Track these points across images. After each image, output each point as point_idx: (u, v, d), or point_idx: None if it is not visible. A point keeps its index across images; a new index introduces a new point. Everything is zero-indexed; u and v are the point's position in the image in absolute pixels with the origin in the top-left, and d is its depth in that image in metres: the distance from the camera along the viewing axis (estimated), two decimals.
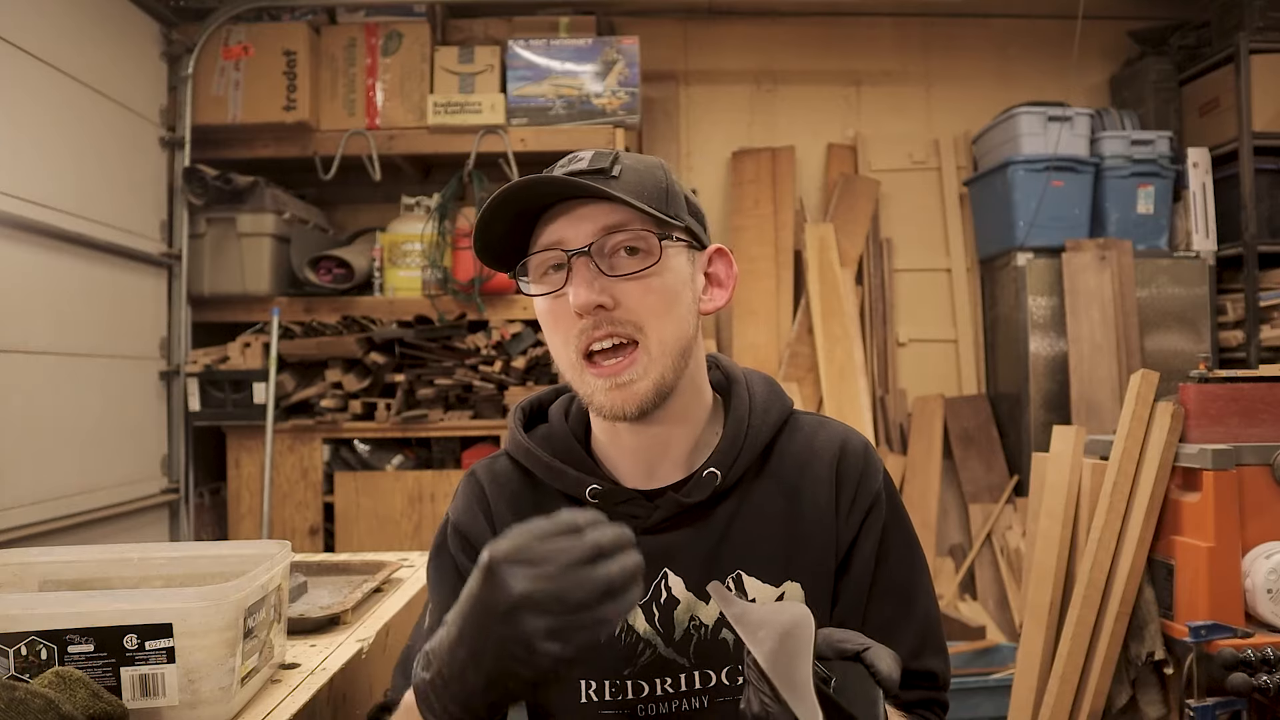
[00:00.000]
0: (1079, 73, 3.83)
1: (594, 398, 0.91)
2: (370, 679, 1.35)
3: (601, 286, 0.88)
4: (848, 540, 0.96)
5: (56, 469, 2.52)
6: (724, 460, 0.95)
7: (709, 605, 0.93)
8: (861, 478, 0.98)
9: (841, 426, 1.03)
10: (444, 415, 3.19)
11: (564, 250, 0.89)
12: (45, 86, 2.52)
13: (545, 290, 0.91)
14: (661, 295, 0.90)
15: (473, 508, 0.99)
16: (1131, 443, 2.02)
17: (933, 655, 0.97)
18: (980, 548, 3.59)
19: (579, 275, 0.88)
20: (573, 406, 1.03)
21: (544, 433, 1.02)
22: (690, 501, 0.94)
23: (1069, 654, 2.04)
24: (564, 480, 0.96)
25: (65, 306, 2.58)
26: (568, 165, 0.92)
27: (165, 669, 0.97)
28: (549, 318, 0.92)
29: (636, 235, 0.90)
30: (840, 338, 3.66)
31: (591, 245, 0.89)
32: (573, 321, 0.89)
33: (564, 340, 0.91)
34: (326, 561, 1.77)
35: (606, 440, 0.98)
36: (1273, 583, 1.77)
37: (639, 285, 0.89)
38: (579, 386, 0.92)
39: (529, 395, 1.08)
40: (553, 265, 0.91)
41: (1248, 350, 3.42)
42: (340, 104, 3.33)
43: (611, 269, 0.89)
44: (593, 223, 0.89)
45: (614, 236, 0.89)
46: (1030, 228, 3.53)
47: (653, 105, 3.96)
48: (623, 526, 0.70)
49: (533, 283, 0.93)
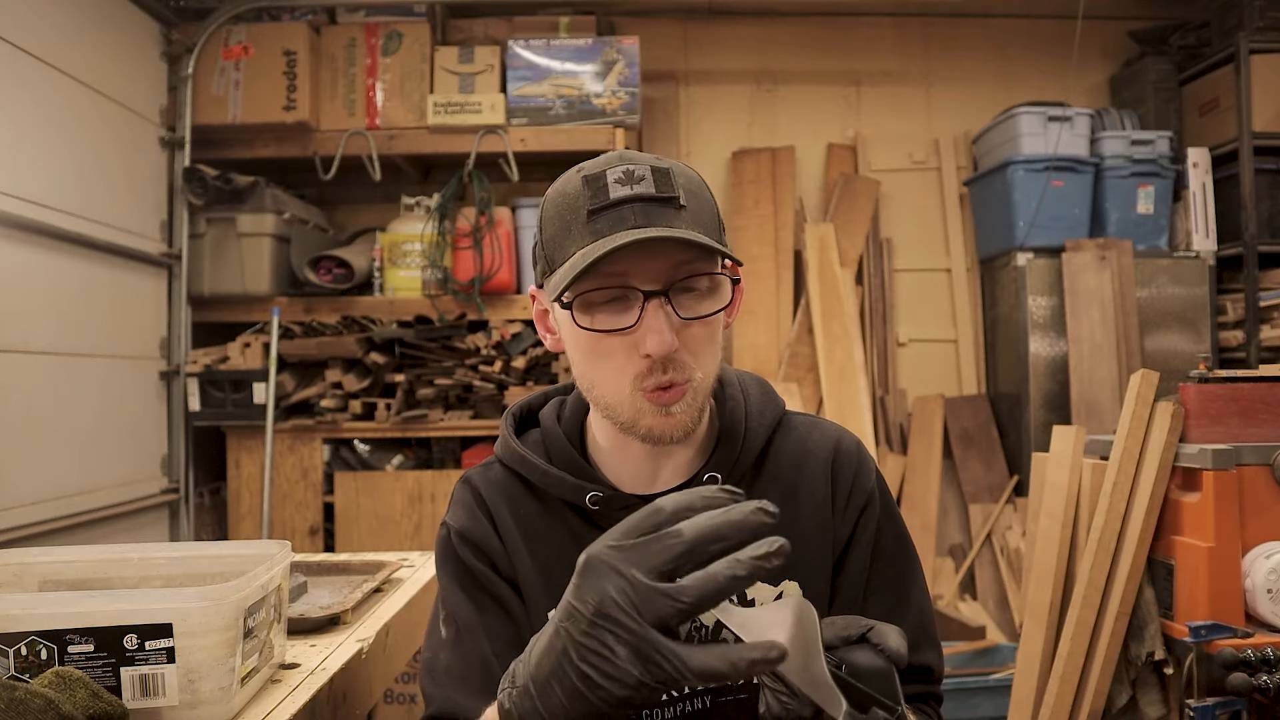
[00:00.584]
0: (1079, 73, 3.83)
1: (641, 420, 0.87)
2: (370, 679, 1.35)
3: (674, 330, 0.84)
4: (844, 538, 0.97)
5: (56, 469, 2.52)
6: (723, 464, 0.95)
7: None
8: (856, 476, 0.98)
9: (834, 426, 1.03)
10: (444, 415, 3.19)
11: (639, 289, 0.84)
12: (45, 86, 2.52)
13: (608, 328, 0.85)
14: (714, 332, 0.89)
15: (475, 514, 0.97)
16: (1131, 443, 2.02)
17: (928, 649, 0.97)
18: (980, 548, 3.59)
19: (655, 319, 0.83)
20: (564, 410, 1.01)
21: (537, 438, 1.00)
22: None
23: (1069, 654, 2.04)
24: (562, 487, 0.95)
25: (65, 306, 2.58)
26: (630, 186, 0.84)
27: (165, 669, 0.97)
28: (598, 348, 0.87)
29: (706, 277, 0.86)
30: (840, 338, 3.66)
31: (669, 287, 0.84)
32: (630, 358, 0.85)
33: (615, 373, 0.87)
34: (326, 561, 1.77)
35: (610, 447, 0.96)
36: (1273, 583, 1.77)
37: (704, 324, 0.87)
38: (622, 412, 0.88)
39: (518, 401, 1.06)
40: (610, 299, 0.85)
41: (1248, 350, 3.42)
42: (340, 104, 3.33)
43: (684, 310, 0.85)
44: (666, 259, 0.84)
45: (685, 278, 0.85)
46: (1030, 228, 3.53)
47: (653, 105, 3.96)
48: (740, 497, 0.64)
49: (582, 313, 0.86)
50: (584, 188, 0.86)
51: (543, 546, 0.95)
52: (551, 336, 0.96)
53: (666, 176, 0.86)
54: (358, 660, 1.28)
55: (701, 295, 0.87)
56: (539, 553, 0.95)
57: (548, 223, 0.90)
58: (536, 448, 0.99)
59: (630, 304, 0.85)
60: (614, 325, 0.85)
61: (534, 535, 0.95)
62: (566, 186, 0.89)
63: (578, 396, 1.01)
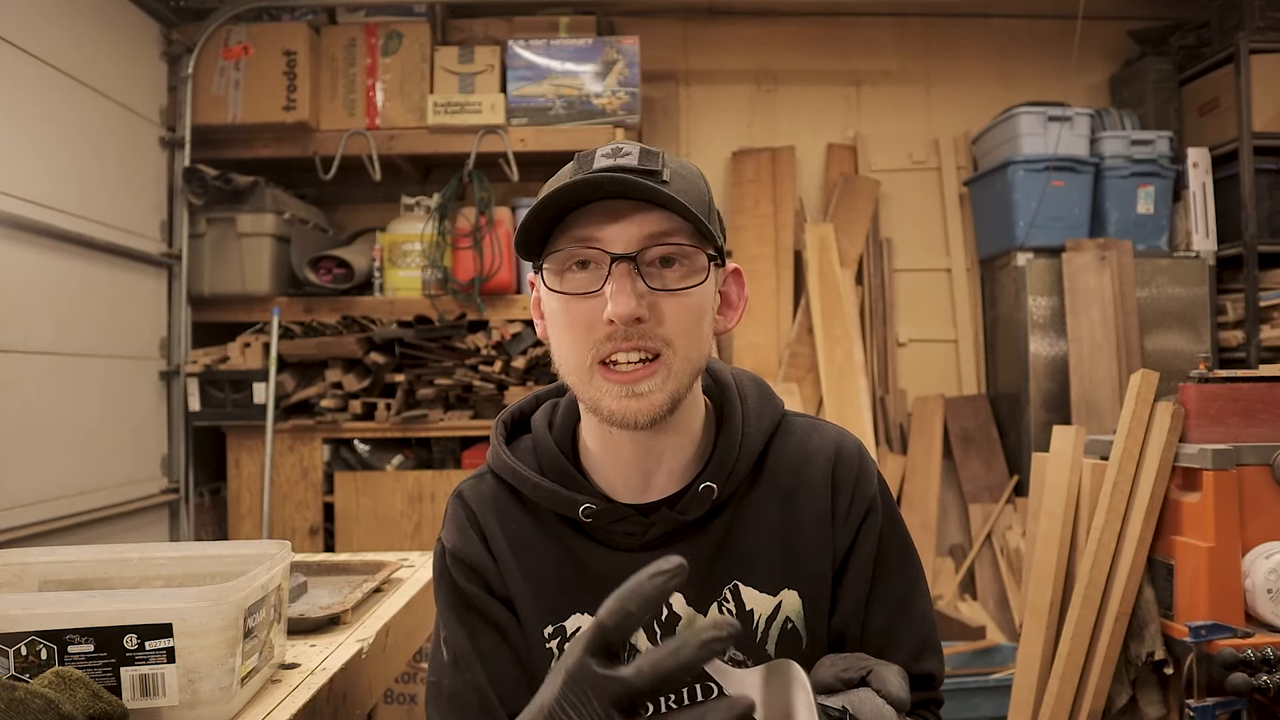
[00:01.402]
0: (1079, 73, 3.83)
1: (601, 403, 0.85)
2: (370, 679, 1.35)
3: (641, 297, 0.83)
4: (845, 546, 0.95)
5: (56, 469, 2.52)
6: (719, 473, 0.93)
7: (706, 617, 0.92)
8: (857, 482, 0.96)
9: (835, 429, 1.01)
10: (444, 415, 3.19)
11: (606, 252, 0.83)
12: (45, 86, 2.52)
13: (574, 290, 0.85)
14: (693, 313, 0.87)
15: (466, 532, 0.96)
16: (1131, 443, 2.02)
17: (930, 657, 0.96)
18: (980, 548, 3.59)
19: (621, 282, 0.82)
20: (556, 416, 0.99)
21: (528, 446, 0.98)
22: (687, 518, 0.92)
23: (1069, 654, 2.04)
24: (555, 500, 0.92)
25: (65, 306, 2.58)
26: (614, 159, 0.85)
27: (165, 669, 0.97)
28: (563, 317, 0.86)
29: (682, 249, 0.85)
30: (840, 338, 3.66)
31: (639, 252, 0.84)
32: (594, 326, 0.84)
33: (578, 342, 0.86)
34: (326, 561, 1.77)
35: (600, 451, 0.94)
36: (1273, 583, 1.77)
37: (678, 301, 0.85)
38: (584, 390, 0.87)
39: (508, 407, 1.04)
40: (577, 262, 0.86)
41: (1248, 350, 3.42)
42: (340, 104, 3.33)
43: (654, 280, 0.84)
44: (640, 228, 0.84)
45: (659, 246, 0.84)
46: (1030, 228, 3.53)
47: (653, 105, 3.96)
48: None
49: (552, 276, 0.87)
50: (574, 163, 0.88)
51: (535, 561, 0.94)
52: (541, 323, 0.95)
53: (654, 156, 0.86)
54: (357, 660, 1.28)
55: (678, 273, 0.86)
56: (531, 568, 0.94)
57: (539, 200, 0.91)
58: (528, 456, 0.97)
59: (601, 269, 0.85)
60: (581, 288, 0.85)
61: (526, 550, 0.94)
62: (563, 169, 0.91)
63: (570, 400, 0.99)
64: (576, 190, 0.83)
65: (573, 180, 0.83)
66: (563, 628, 0.93)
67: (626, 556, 0.92)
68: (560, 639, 0.93)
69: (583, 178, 0.83)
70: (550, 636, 0.93)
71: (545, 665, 0.92)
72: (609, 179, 0.83)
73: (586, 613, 0.93)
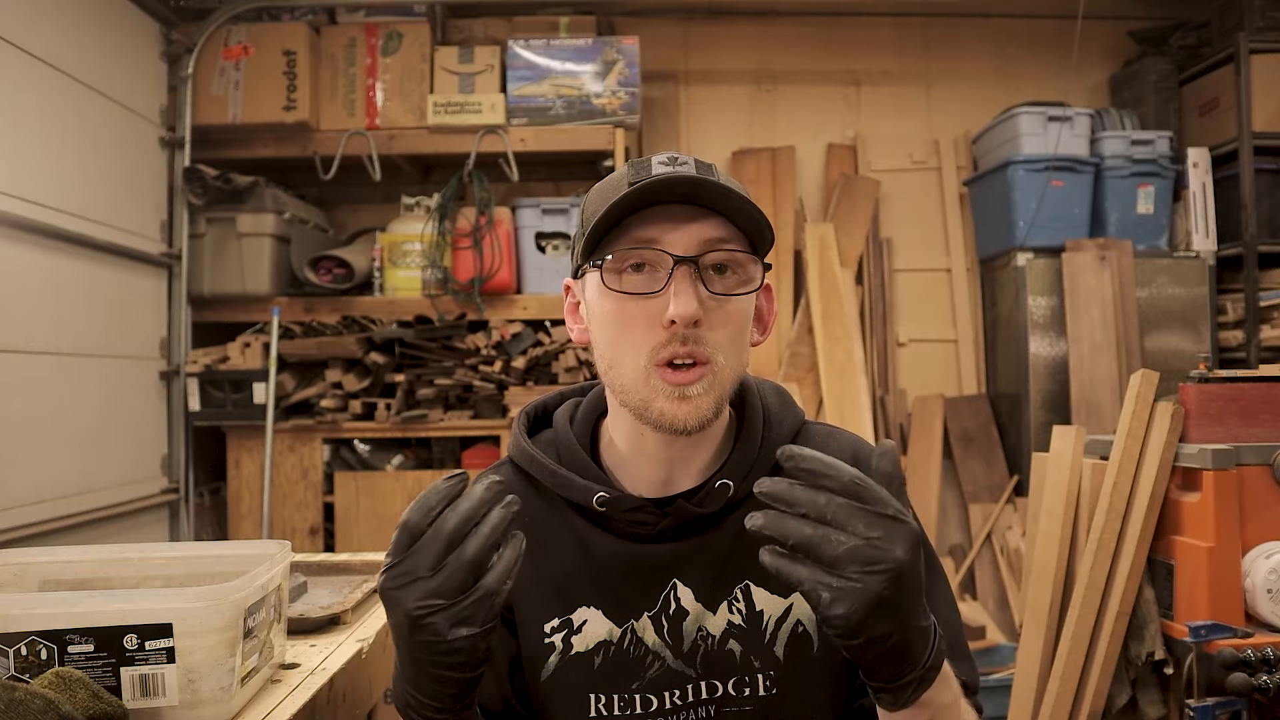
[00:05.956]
0: (1079, 73, 3.83)
1: (653, 403, 0.86)
2: (370, 679, 1.35)
3: (701, 301, 0.85)
4: None
5: (56, 469, 2.52)
6: (737, 471, 0.94)
7: (716, 616, 0.93)
8: None
9: (852, 437, 1.02)
10: (444, 415, 3.19)
11: (669, 254, 0.85)
12: (45, 86, 2.52)
13: (634, 290, 0.86)
14: (741, 322, 0.89)
15: None
16: (1131, 443, 2.02)
17: (961, 663, 0.93)
18: (980, 548, 3.59)
19: (683, 284, 0.84)
20: (578, 412, 1.01)
21: (549, 438, 1.00)
22: (702, 511, 0.93)
23: (1069, 654, 2.04)
24: (570, 489, 0.94)
25: (65, 306, 2.58)
26: (672, 167, 0.87)
27: (165, 669, 0.97)
28: (620, 317, 0.87)
29: (736, 256, 0.87)
30: (840, 338, 3.66)
31: (699, 256, 0.85)
32: (654, 329, 0.85)
33: (638, 342, 0.86)
34: (326, 561, 1.77)
35: (628, 449, 0.95)
36: (1273, 583, 1.77)
37: (729, 310, 0.87)
38: (637, 391, 0.87)
39: (533, 400, 1.06)
40: (633, 265, 0.87)
41: (1248, 350, 3.42)
42: (340, 104, 3.33)
43: (712, 284, 0.86)
44: (699, 233, 0.86)
45: (717, 251, 0.86)
46: (1030, 228, 3.53)
47: (653, 105, 3.96)
48: (465, 481, 0.75)
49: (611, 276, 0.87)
50: (628, 169, 0.90)
51: (547, 553, 0.95)
52: (579, 327, 0.96)
53: (708, 166, 0.90)
54: (358, 660, 1.28)
55: (732, 281, 0.88)
56: (542, 561, 0.94)
57: (589, 203, 0.92)
58: (548, 448, 0.99)
59: (659, 272, 0.86)
60: (641, 289, 0.86)
61: (540, 542, 0.95)
62: (612, 175, 0.93)
63: (593, 398, 1.01)
64: (650, 191, 0.84)
65: (651, 179, 0.84)
66: (569, 620, 0.94)
67: (638, 548, 0.93)
68: (567, 631, 0.93)
69: (660, 177, 0.84)
70: (555, 630, 0.94)
71: (544, 659, 0.93)
72: (684, 180, 0.84)
73: (594, 605, 0.93)
